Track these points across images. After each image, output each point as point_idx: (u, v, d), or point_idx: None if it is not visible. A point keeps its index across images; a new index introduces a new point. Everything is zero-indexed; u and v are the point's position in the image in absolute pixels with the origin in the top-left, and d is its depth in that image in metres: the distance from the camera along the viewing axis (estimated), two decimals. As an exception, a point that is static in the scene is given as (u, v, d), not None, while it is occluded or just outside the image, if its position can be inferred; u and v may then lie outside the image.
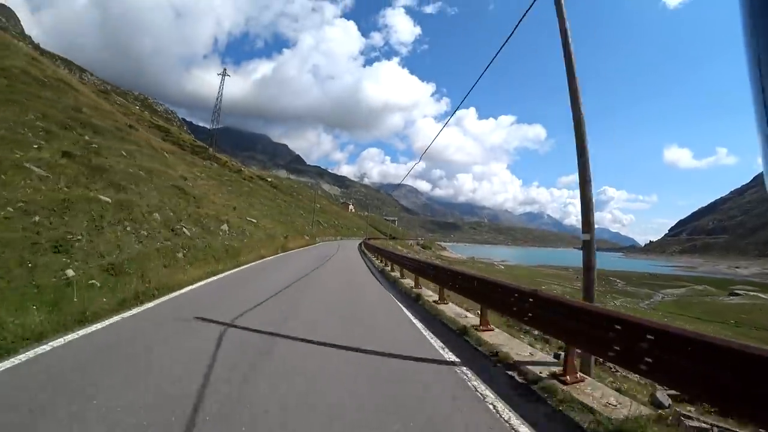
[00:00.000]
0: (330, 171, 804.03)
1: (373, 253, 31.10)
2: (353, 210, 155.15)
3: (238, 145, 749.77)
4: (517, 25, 7.74)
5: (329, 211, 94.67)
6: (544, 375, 5.12)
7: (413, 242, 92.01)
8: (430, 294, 12.20)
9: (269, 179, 73.17)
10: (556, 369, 5.26)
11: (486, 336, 7.23)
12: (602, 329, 4.16)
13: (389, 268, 21.62)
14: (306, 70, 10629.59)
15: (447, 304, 10.45)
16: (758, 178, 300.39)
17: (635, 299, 47.71)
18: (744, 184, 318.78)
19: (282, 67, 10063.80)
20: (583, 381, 4.97)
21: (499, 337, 7.24)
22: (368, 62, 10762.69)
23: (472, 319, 8.76)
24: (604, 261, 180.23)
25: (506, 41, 8.08)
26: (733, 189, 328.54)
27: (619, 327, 3.94)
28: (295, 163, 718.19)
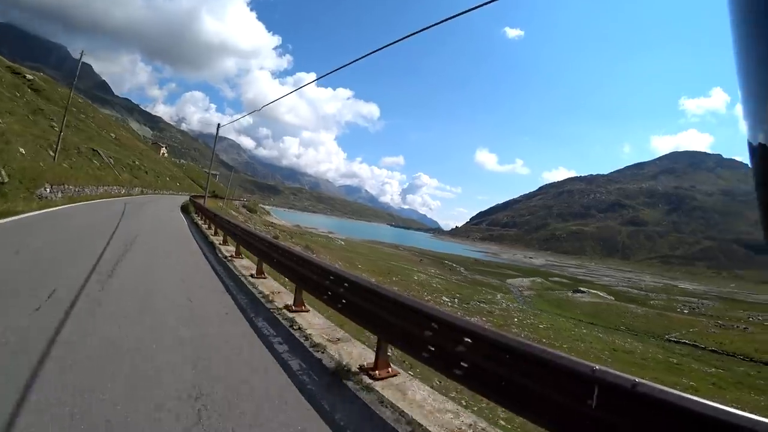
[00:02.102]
0: (142, 108, 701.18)
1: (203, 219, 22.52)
2: (166, 155, 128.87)
3: (22, 50, 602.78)
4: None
5: (131, 148, 71.32)
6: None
7: (239, 203, 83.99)
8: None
9: (28, 76, 49.60)
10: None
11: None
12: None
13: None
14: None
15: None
16: (543, 189, 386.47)
17: (500, 294, 45.31)
18: (532, 191, 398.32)
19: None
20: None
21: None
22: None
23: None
24: (419, 240, 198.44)
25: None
26: (523, 193, 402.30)
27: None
28: (98, 89, 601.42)
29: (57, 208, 15.46)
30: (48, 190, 16.79)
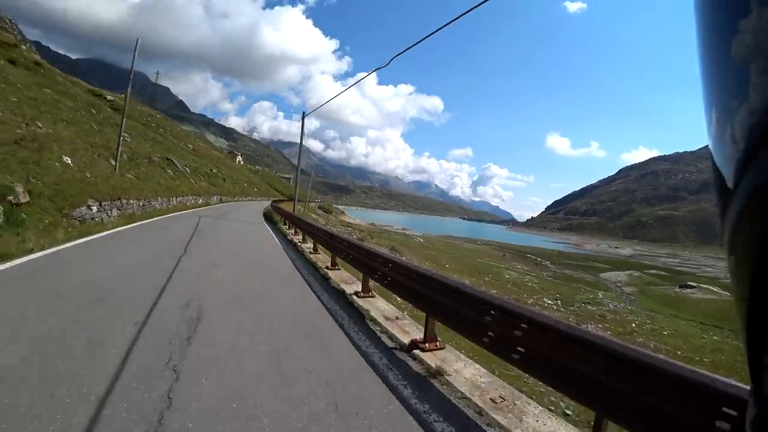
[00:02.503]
0: (217, 121, 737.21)
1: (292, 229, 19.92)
2: (241, 162, 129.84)
3: (109, 81, 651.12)
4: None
5: (208, 157, 68.62)
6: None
7: (314, 205, 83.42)
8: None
9: (109, 97, 49.34)
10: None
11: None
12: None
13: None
14: (196, 1, 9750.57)
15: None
16: (623, 171, 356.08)
17: (601, 292, 38.71)
18: (611, 175, 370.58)
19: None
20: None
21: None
22: (269, 5, 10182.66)
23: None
24: (494, 233, 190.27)
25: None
26: (601, 178, 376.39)
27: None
28: (177, 109, 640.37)
29: (99, 235, 10.77)
30: (95, 208, 12.30)
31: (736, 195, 0.47)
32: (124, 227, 12.83)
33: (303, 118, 24.66)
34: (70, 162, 14.53)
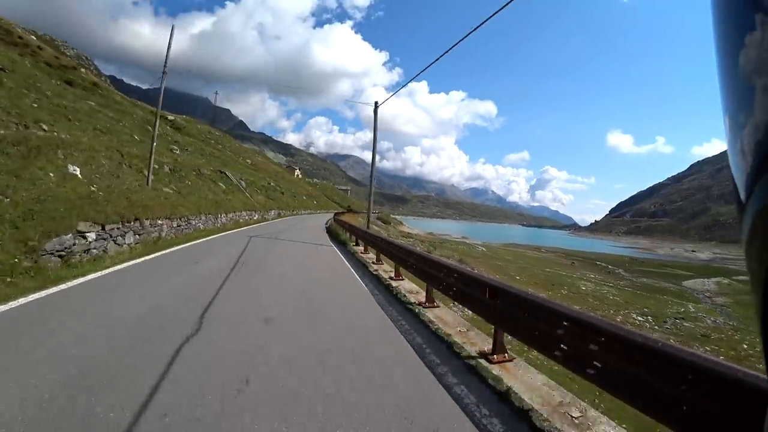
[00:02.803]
0: (275, 138, 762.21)
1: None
2: (299, 176, 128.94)
3: (174, 106, 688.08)
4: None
5: (267, 171, 66.12)
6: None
7: (373, 216, 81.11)
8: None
9: (170, 117, 49.21)
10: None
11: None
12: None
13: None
14: (251, 27, 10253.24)
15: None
16: (694, 167, 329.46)
17: (691, 304, 33.67)
18: (680, 171, 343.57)
19: (224, 22, 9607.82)
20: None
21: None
22: (319, 24, 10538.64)
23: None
24: (556, 239, 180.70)
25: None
26: (669, 176, 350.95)
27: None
28: (238, 129, 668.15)
29: (81, 280, 6.63)
30: (92, 236, 8.18)
31: (747, 209, 0.47)
32: (135, 261, 8.79)
33: (375, 110, 20.68)
34: (78, 172, 10.80)
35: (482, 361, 4.79)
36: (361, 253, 14.30)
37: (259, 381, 3.66)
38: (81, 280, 6.65)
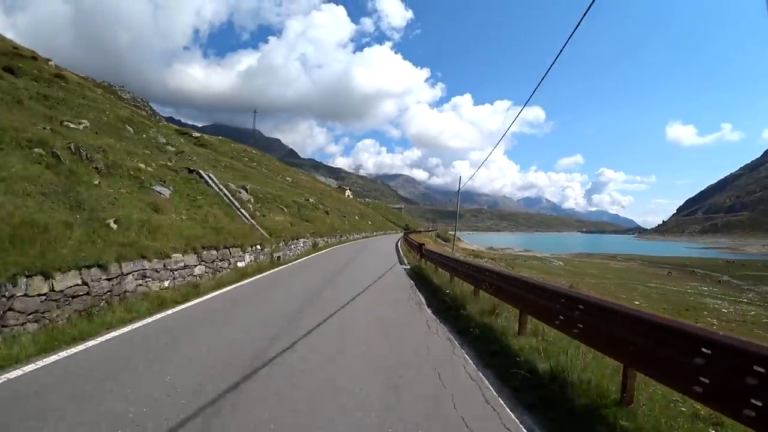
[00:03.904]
0: (325, 164, 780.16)
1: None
2: (350, 196, 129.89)
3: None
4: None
5: (308, 188, 60.98)
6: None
7: (433, 233, 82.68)
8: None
9: (195, 134, 48.66)
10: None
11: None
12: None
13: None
14: (293, 59, 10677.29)
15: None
16: None
17: None
18: (754, 159, 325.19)
19: (268, 56, 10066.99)
20: None
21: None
22: (358, 48, 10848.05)
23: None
24: (624, 244, 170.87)
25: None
26: (742, 165, 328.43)
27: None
28: (289, 156, 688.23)
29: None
30: None
31: None
32: None
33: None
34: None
35: None
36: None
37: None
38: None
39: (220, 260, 12.59)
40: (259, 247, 16.09)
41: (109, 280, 7.22)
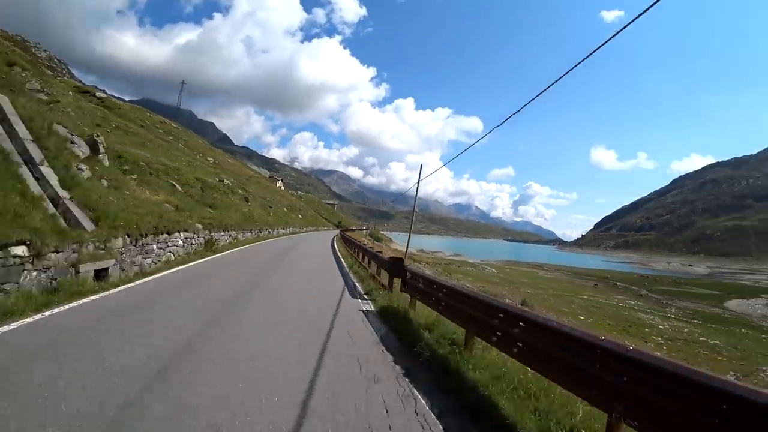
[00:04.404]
0: (260, 153, 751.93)
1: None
2: (282, 187, 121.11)
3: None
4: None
5: (231, 172, 52.58)
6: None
7: (366, 232, 79.86)
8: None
9: (99, 95, 40.70)
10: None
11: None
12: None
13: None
14: (238, 40, 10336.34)
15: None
16: (677, 182, 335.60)
17: (732, 327, 30.89)
18: (663, 186, 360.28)
19: (211, 34, 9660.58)
20: None
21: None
22: (307, 38, 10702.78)
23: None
24: (546, 254, 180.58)
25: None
26: (653, 190, 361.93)
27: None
28: (222, 142, 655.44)
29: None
30: None
31: None
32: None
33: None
34: None
35: None
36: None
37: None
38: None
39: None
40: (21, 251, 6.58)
41: None
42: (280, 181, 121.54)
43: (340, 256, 24.04)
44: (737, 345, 24.82)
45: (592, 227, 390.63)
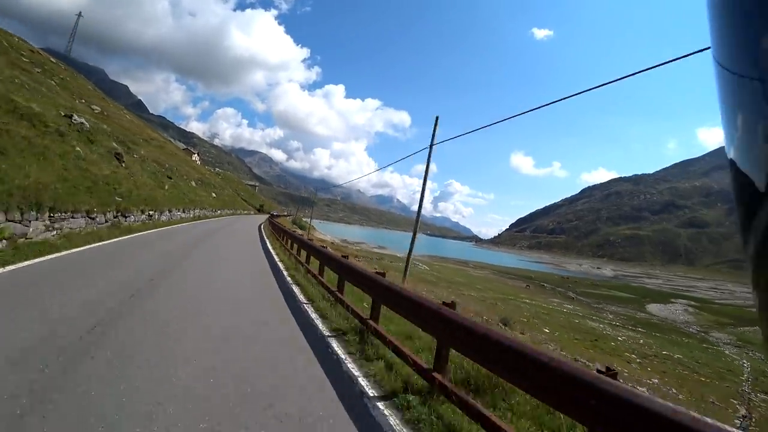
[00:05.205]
0: (177, 125, 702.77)
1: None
2: (199, 162, 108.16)
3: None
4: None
5: (128, 130, 40.29)
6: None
7: (290, 218, 73.97)
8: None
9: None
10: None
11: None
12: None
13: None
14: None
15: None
16: (585, 191, 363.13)
17: (696, 348, 29.02)
18: (573, 194, 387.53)
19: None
20: None
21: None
22: (240, 6, 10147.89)
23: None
24: (464, 251, 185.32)
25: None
26: (564, 197, 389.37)
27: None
28: (135, 108, 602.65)
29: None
30: None
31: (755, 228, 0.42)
32: None
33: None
34: None
35: None
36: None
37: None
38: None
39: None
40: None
41: None
42: (196, 155, 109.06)
43: (285, 273, 12.82)
44: (697, 359, 23.86)
45: (508, 227, 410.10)
